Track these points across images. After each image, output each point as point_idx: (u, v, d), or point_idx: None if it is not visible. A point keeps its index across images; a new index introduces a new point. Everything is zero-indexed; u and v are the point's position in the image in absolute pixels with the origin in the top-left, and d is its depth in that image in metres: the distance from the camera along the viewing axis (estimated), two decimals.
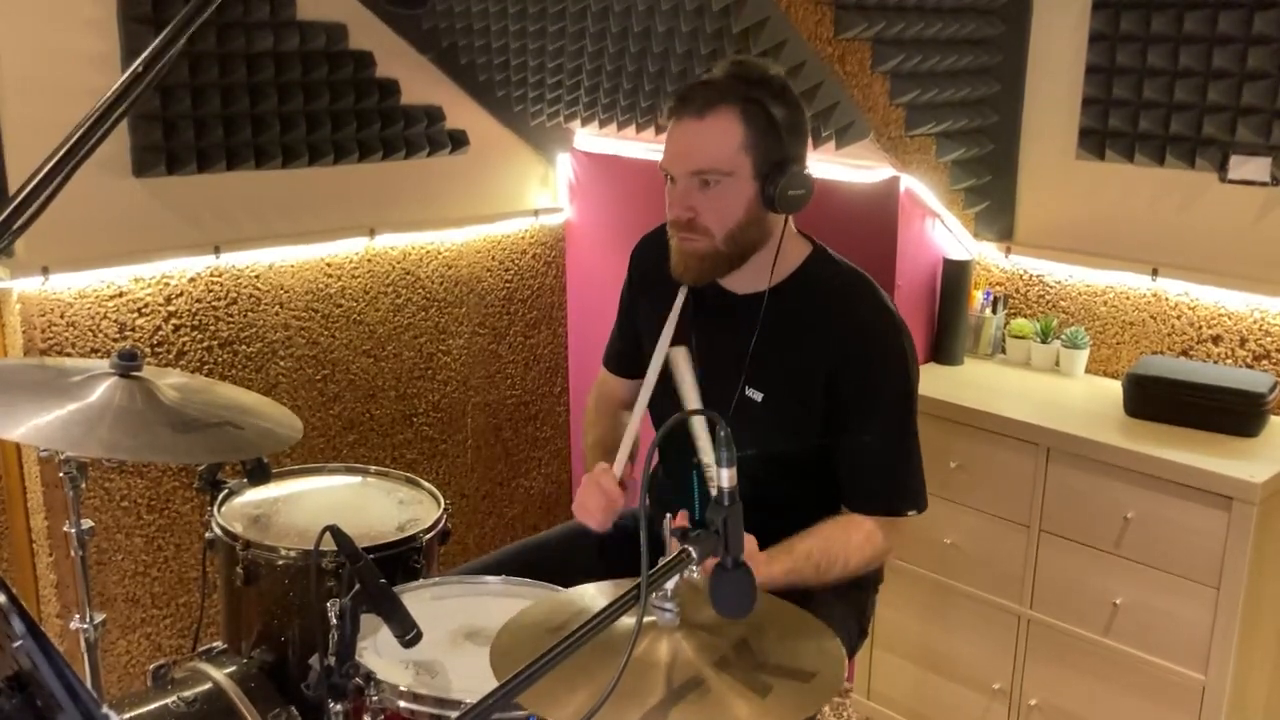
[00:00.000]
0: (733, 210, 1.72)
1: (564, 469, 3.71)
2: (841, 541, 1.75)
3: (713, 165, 1.70)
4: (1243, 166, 2.39)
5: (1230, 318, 2.54)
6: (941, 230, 2.85)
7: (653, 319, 1.99)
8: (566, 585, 1.72)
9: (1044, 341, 2.77)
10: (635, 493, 1.80)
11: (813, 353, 1.77)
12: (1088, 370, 2.75)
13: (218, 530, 2.02)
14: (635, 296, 2.04)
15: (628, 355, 2.08)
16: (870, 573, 1.88)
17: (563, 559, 1.90)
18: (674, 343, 1.87)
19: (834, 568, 1.72)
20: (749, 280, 1.82)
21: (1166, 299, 2.63)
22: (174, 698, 1.88)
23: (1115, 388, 2.56)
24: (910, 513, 1.80)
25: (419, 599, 1.80)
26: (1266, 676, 2.39)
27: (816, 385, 1.76)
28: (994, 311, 2.87)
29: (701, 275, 1.78)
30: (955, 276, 2.82)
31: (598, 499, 1.78)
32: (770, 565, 1.66)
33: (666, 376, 1.93)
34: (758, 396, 1.81)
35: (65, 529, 1.99)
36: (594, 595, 1.47)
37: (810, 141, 1.79)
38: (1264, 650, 2.35)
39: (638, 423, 1.85)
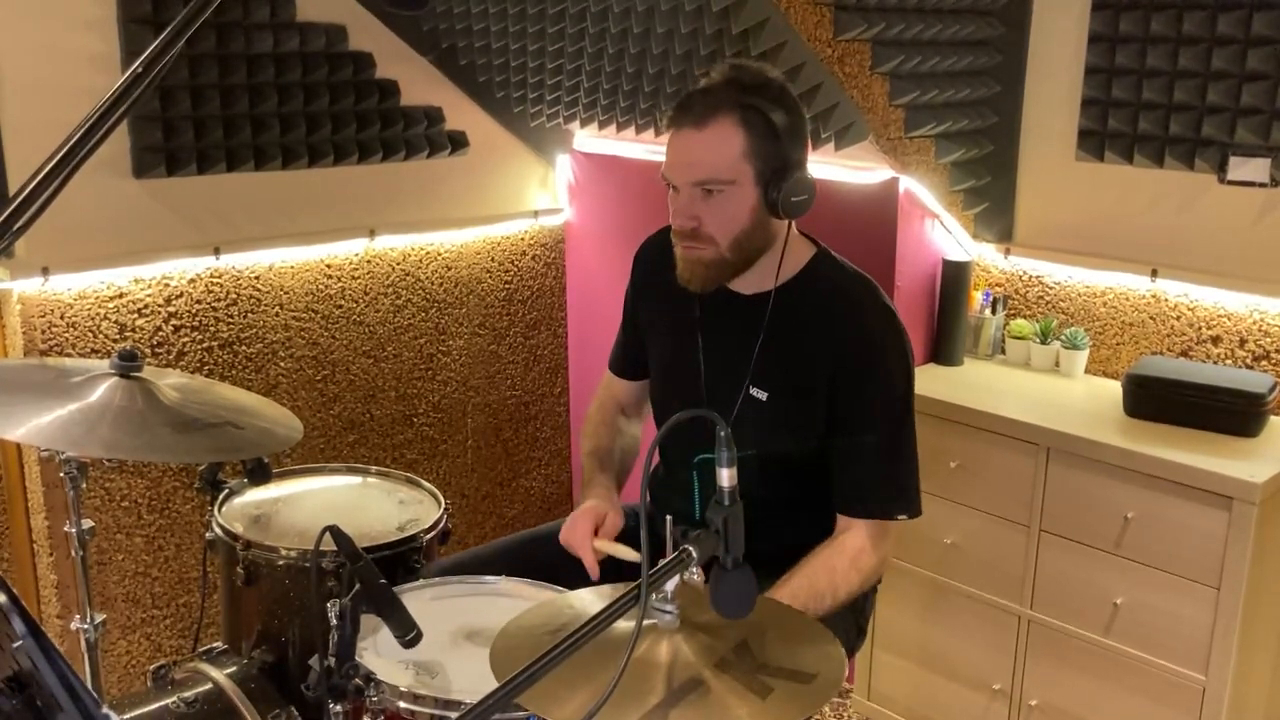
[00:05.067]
0: (737, 218, 1.72)
1: (564, 469, 3.71)
2: (827, 574, 1.73)
3: (715, 175, 1.69)
4: (1242, 168, 2.39)
5: (1230, 318, 2.54)
6: (941, 231, 2.85)
7: (657, 321, 2.00)
8: (565, 582, 1.73)
9: (1043, 342, 2.77)
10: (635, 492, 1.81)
11: (816, 353, 1.77)
12: (1087, 371, 2.75)
13: (218, 530, 2.02)
14: (639, 299, 2.05)
15: (632, 358, 2.09)
16: None
17: (562, 554, 1.91)
18: (683, 339, 1.89)
19: (823, 602, 1.70)
20: (755, 281, 1.82)
21: (1166, 300, 2.63)
22: (174, 698, 1.89)
23: (1115, 388, 2.56)
24: (901, 516, 1.79)
25: (419, 599, 1.80)
26: (1266, 676, 2.40)
27: (819, 385, 1.77)
28: (993, 312, 2.87)
29: (708, 283, 1.78)
30: (955, 277, 2.82)
31: (576, 550, 1.81)
32: None
33: (677, 368, 1.93)
34: (762, 396, 1.81)
35: (66, 529, 1.99)
36: (594, 597, 1.47)
37: (809, 143, 1.79)
38: (1264, 650, 2.35)
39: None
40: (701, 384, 1.88)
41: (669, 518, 1.27)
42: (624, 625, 1.16)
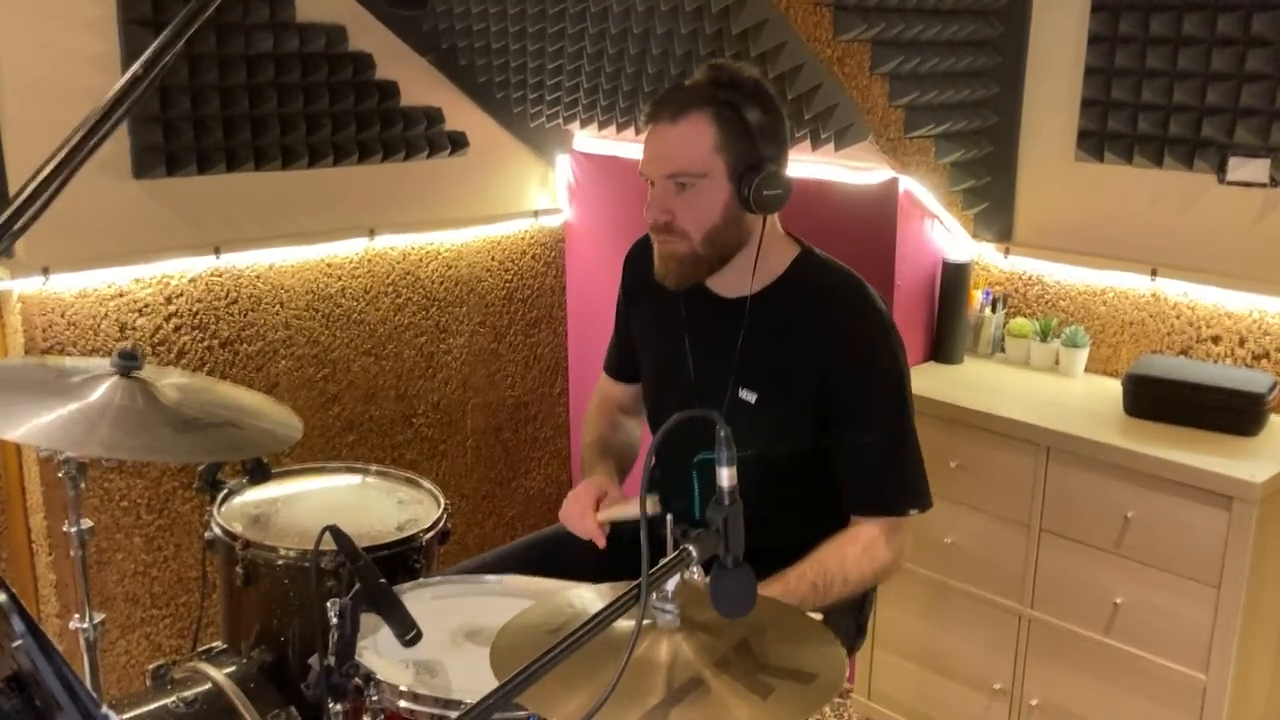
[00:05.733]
0: (709, 212, 1.73)
1: (564, 469, 3.71)
2: (837, 558, 1.74)
3: (687, 168, 1.71)
4: (1241, 168, 2.39)
5: (1230, 318, 2.54)
6: (941, 231, 2.85)
7: (646, 324, 2.00)
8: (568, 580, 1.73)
9: (1043, 341, 2.77)
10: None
11: (804, 354, 1.77)
12: (1087, 370, 2.75)
13: (217, 530, 2.02)
14: (629, 302, 2.05)
15: (626, 361, 2.09)
16: None
17: (560, 557, 1.91)
18: (671, 342, 1.89)
19: (833, 586, 1.71)
20: (735, 283, 1.82)
21: (1165, 299, 2.63)
22: (173, 698, 1.88)
23: (1115, 387, 2.56)
24: (911, 511, 1.80)
25: (419, 599, 1.80)
26: (1266, 676, 2.40)
27: (809, 387, 1.77)
28: (993, 311, 2.87)
29: (683, 278, 1.79)
30: (955, 277, 2.82)
31: (576, 525, 1.84)
32: (764, 590, 1.66)
33: (667, 371, 1.94)
34: (751, 398, 1.81)
35: (65, 529, 1.99)
36: (594, 596, 1.47)
37: (789, 143, 1.80)
38: (1264, 650, 2.35)
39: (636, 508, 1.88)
40: (691, 386, 1.88)
41: (669, 517, 1.27)
42: (624, 625, 1.16)
